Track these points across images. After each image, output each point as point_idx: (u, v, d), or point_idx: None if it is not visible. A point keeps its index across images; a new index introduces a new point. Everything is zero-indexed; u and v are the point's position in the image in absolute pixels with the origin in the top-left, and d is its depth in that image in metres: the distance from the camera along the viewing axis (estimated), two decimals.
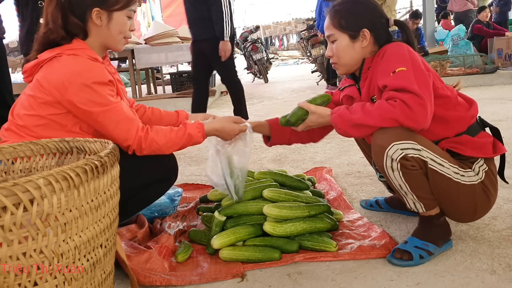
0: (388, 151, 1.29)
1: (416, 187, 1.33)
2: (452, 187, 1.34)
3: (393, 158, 1.29)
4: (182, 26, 6.50)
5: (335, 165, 2.51)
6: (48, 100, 1.38)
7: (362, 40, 1.45)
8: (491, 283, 1.22)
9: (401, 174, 1.31)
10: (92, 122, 1.40)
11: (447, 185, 1.34)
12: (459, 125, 1.39)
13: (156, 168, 1.51)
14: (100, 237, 0.97)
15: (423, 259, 1.34)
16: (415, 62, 1.34)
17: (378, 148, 1.32)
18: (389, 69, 1.34)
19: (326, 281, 1.29)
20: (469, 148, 1.37)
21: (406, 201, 1.39)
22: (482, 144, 1.39)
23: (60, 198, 0.83)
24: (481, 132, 1.42)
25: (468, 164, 1.37)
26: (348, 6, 1.48)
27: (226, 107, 5.58)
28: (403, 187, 1.34)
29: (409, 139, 1.29)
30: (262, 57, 8.96)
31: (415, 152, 1.29)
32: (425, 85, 1.29)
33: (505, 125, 3.19)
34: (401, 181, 1.33)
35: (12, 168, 1.22)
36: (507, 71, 5.84)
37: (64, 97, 1.36)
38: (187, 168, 2.73)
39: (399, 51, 1.37)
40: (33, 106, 1.39)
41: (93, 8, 1.42)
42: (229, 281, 1.33)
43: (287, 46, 23.78)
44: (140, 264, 1.39)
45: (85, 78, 1.35)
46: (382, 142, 1.30)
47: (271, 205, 1.53)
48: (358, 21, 1.45)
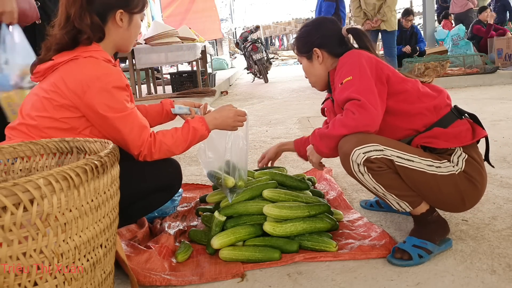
0: (352, 157, 1.34)
1: (391, 186, 1.36)
2: (429, 179, 1.35)
3: (358, 163, 1.34)
4: (182, 26, 6.51)
5: (335, 165, 2.50)
6: (64, 103, 1.36)
7: (317, 58, 1.61)
8: (491, 283, 1.22)
9: (371, 177, 1.35)
10: (106, 127, 1.39)
11: (423, 179, 1.35)
12: (427, 116, 1.42)
13: (160, 176, 1.52)
14: (100, 237, 0.97)
15: (422, 258, 1.34)
16: (362, 69, 1.42)
17: (343, 155, 1.38)
18: (338, 81, 1.47)
19: (326, 281, 1.29)
20: (443, 140, 1.38)
21: (390, 203, 1.41)
22: (457, 133, 1.40)
23: (60, 198, 0.83)
24: (456, 122, 1.43)
25: (445, 157, 1.38)
26: (299, 32, 1.70)
27: None
28: (378, 189, 1.37)
29: (370, 142, 1.33)
30: (262, 57, 8.96)
31: (377, 153, 1.33)
32: (367, 89, 1.38)
33: (505, 125, 3.19)
34: (374, 183, 1.36)
35: (12, 168, 1.22)
36: (507, 71, 5.84)
37: (82, 101, 1.34)
38: (187, 168, 2.73)
39: (348, 60, 1.48)
40: (47, 108, 1.36)
41: (118, 10, 1.42)
42: (229, 281, 1.33)
43: (287, 46, 23.78)
44: (140, 264, 1.39)
45: (104, 82, 1.34)
46: (345, 149, 1.36)
47: (271, 205, 1.53)
48: (307, 43, 1.63)
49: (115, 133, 1.39)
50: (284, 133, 3.59)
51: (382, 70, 1.44)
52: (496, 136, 2.88)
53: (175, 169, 1.59)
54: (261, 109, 5.15)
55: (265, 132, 3.70)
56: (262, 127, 3.96)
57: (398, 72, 1.51)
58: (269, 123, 4.14)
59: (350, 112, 1.36)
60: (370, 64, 1.44)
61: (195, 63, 6.32)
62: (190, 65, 7.61)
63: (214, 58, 10.71)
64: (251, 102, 5.89)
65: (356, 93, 1.37)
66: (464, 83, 5.67)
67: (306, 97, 5.94)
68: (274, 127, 3.91)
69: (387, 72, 1.45)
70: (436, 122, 1.41)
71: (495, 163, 2.28)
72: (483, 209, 1.71)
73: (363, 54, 1.48)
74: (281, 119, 4.31)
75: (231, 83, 9.22)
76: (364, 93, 1.37)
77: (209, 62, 7.68)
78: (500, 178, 2.06)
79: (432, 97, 1.45)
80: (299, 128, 3.76)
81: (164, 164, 1.51)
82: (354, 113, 1.35)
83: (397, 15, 6.03)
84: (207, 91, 5.79)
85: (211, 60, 8.30)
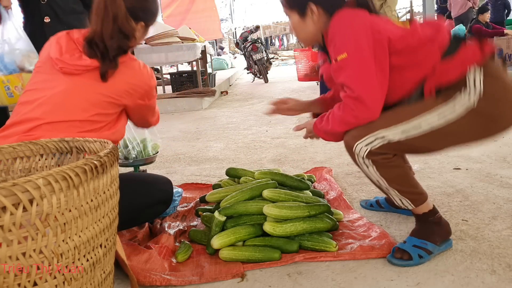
0: (355, 151, 1.33)
1: (393, 180, 1.35)
2: (446, 133, 1.27)
3: (362, 156, 1.33)
4: (182, 26, 6.50)
5: (335, 165, 2.50)
6: (112, 102, 1.46)
7: (311, 15, 1.42)
8: (491, 283, 1.22)
9: (375, 169, 1.34)
10: (137, 114, 1.60)
11: (439, 136, 1.28)
12: (432, 56, 1.31)
13: (158, 192, 1.65)
14: (100, 237, 0.97)
15: (422, 258, 1.34)
16: (357, 44, 1.29)
17: (348, 149, 1.38)
18: (333, 53, 1.34)
19: (326, 281, 1.29)
20: (452, 69, 1.27)
21: (393, 198, 1.41)
22: (465, 54, 1.28)
23: (60, 198, 0.83)
24: (459, 47, 1.30)
25: (460, 87, 1.26)
26: None
27: (226, 107, 5.59)
28: (382, 183, 1.36)
29: (370, 132, 1.31)
30: (262, 57, 8.95)
31: (380, 141, 1.30)
32: (363, 73, 1.28)
33: None
34: (377, 176, 1.35)
35: (12, 168, 1.21)
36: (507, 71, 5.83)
37: (131, 100, 1.50)
38: (187, 168, 2.73)
39: (341, 28, 1.33)
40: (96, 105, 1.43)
41: (141, 22, 1.52)
42: (229, 281, 1.33)
43: (287, 46, 23.76)
44: (140, 264, 1.39)
45: (151, 83, 1.57)
46: (349, 144, 1.36)
47: (271, 205, 1.53)
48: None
49: (141, 117, 1.65)
50: (284, 133, 3.59)
51: (380, 34, 1.30)
52: None
53: (171, 188, 1.73)
54: (261, 109, 5.15)
55: (265, 132, 3.70)
56: (262, 127, 3.96)
57: (396, 26, 1.37)
58: (269, 123, 4.14)
59: (349, 109, 1.31)
60: (366, 32, 1.29)
61: (195, 63, 6.32)
62: (190, 65, 7.60)
63: (214, 58, 10.70)
64: (251, 102, 5.89)
65: (352, 82, 1.29)
66: None
67: (306, 97, 5.92)
68: (274, 127, 3.91)
69: (385, 35, 1.31)
70: (441, 57, 1.30)
71: (495, 163, 2.28)
72: (483, 209, 1.71)
73: (357, 17, 1.33)
74: (281, 119, 4.31)
75: (231, 83, 9.22)
76: (361, 82, 1.28)
77: (209, 62, 7.67)
78: (500, 178, 2.06)
79: (433, 36, 1.33)
80: None
81: (160, 183, 1.68)
82: (353, 109, 1.30)
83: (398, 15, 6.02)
84: (207, 91, 5.79)
85: (211, 60, 8.29)
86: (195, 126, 4.28)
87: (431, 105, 1.28)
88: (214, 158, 2.93)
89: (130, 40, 1.48)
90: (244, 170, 1.98)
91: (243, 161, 2.78)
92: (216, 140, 3.48)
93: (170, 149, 3.27)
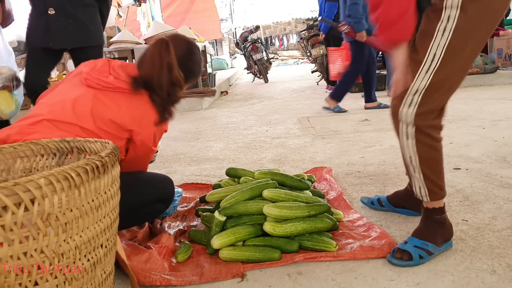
0: (401, 117, 1.33)
1: (426, 161, 1.34)
2: (458, 40, 1.24)
3: (407, 122, 1.32)
4: (182, 26, 6.50)
5: (335, 165, 2.51)
6: (118, 124, 1.49)
7: None
8: (491, 283, 1.22)
9: (414, 143, 1.34)
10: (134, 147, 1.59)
11: (455, 50, 1.25)
12: None
13: (157, 190, 1.67)
14: (101, 237, 0.97)
15: (423, 259, 1.34)
16: None
17: (393, 117, 1.38)
18: None
19: (326, 281, 1.29)
20: None
21: (413, 183, 1.40)
22: None
23: (61, 198, 0.84)
24: None
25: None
26: None
27: (226, 107, 5.59)
28: (413, 159, 1.35)
29: (405, 93, 1.30)
30: (262, 57, 8.95)
31: (417, 96, 1.29)
32: None
33: (505, 125, 3.19)
34: (413, 151, 1.35)
35: (13, 168, 1.22)
36: (507, 71, 5.83)
37: (135, 127, 1.51)
38: (187, 168, 2.73)
39: None
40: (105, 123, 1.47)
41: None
42: (229, 281, 1.33)
43: (287, 46, 23.75)
44: (140, 264, 1.39)
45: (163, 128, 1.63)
46: (395, 110, 1.36)
47: (271, 205, 1.53)
48: None
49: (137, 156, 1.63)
50: (284, 133, 3.59)
51: None
52: (496, 136, 2.88)
53: (171, 186, 1.74)
54: (261, 109, 5.16)
55: (265, 132, 3.70)
56: (262, 127, 3.96)
57: None
58: (269, 123, 4.15)
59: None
60: None
61: None
62: None
63: (214, 58, 10.70)
64: (251, 102, 5.89)
65: None
66: (464, 83, 5.64)
67: (306, 97, 5.94)
68: (274, 127, 3.91)
69: None
70: None
71: (495, 163, 2.28)
72: (483, 209, 1.71)
73: None
74: (281, 119, 4.31)
75: (231, 83, 9.23)
76: None
77: (209, 62, 7.67)
78: (500, 178, 2.06)
79: None
80: (299, 128, 3.76)
81: (162, 182, 1.70)
82: None
83: None
84: (207, 91, 5.77)
85: (211, 60, 8.29)
86: (195, 126, 4.28)
87: (430, 31, 1.27)
88: (214, 158, 2.93)
89: (181, 89, 1.60)
90: (244, 170, 1.98)
91: (243, 161, 2.79)
92: (216, 140, 3.48)
93: (170, 149, 3.27)
